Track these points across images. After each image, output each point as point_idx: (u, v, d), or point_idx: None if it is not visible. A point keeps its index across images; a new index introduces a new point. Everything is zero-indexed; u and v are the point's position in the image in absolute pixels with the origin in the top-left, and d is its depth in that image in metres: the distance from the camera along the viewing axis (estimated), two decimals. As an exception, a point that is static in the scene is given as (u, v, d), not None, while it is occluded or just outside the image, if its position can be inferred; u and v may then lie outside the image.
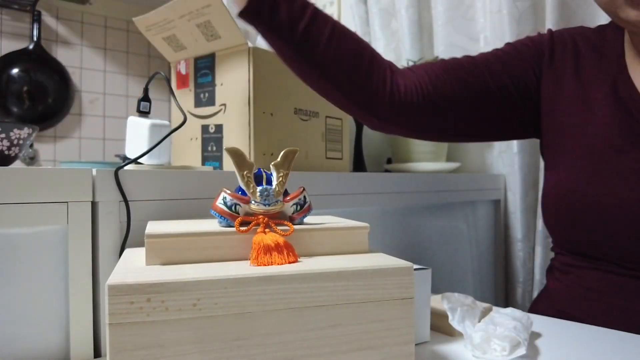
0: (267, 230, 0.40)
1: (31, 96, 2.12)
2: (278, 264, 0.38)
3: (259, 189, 0.42)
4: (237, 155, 0.42)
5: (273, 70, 0.73)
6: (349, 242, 0.44)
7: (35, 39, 2.10)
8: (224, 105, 0.73)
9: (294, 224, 0.42)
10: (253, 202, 0.42)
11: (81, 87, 2.28)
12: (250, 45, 0.70)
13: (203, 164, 0.76)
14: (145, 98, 0.68)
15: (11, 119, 2.07)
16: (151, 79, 0.65)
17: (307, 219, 0.46)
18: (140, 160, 0.61)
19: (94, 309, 0.49)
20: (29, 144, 0.57)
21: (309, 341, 0.36)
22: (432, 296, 0.55)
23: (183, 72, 0.79)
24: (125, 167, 0.51)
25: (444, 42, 1.24)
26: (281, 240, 0.39)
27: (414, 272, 0.41)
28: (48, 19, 2.19)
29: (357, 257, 0.42)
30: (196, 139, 0.77)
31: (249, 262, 0.38)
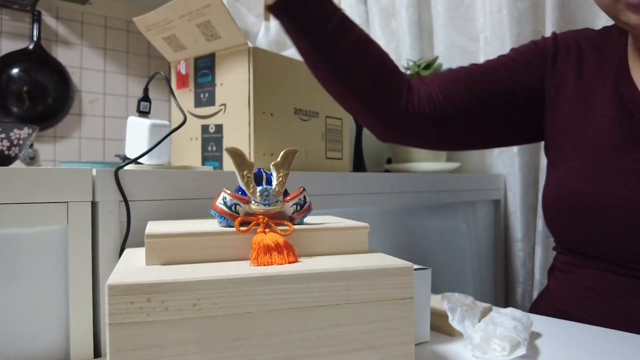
0: (267, 230, 0.40)
1: (31, 96, 2.12)
2: (278, 264, 0.38)
3: (259, 189, 0.42)
4: (237, 155, 0.42)
5: (273, 70, 0.73)
6: (349, 242, 0.44)
7: (35, 39, 2.10)
8: (224, 105, 0.73)
9: (294, 224, 0.42)
10: (253, 202, 0.42)
11: (81, 87, 2.28)
12: (250, 45, 0.70)
13: (203, 164, 0.76)
14: (145, 98, 0.68)
15: (11, 119, 2.07)
16: (151, 79, 0.65)
17: (307, 219, 0.46)
18: (140, 160, 0.61)
19: (94, 309, 0.49)
20: (29, 144, 0.57)
21: (309, 341, 0.36)
22: (432, 296, 0.55)
23: (183, 72, 0.79)
24: (125, 167, 0.51)
25: (444, 42, 1.24)
26: (281, 240, 0.39)
27: (414, 272, 0.41)
28: (48, 19, 2.19)
29: (357, 257, 0.42)
30: (196, 139, 0.77)
31: (249, 262, 0.38)
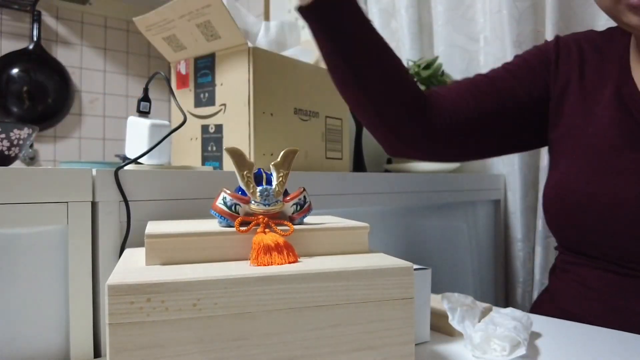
0: (267, 230, 0.40)
1: (31, 96, 2.12)
2: (278, 264, 0.38)
3: (259, 189, 0.42)
4: (237, 155, 0.42)
5: (273, 70, 0.72)
6: (349, 242, 0.44)
7: (35, 39, 2.10)
8: (224, 105, 0.73)
9: (294, 224, 0.42)
10: (253, 202, 0.42)
11: (81, 87, 2.28)
12: (250, 45, 0.70)
13: (203, 164, 0.76)
14: (145, 98, 0.68)
15: (11, 119, 2.07)
16: (151, 79, 0.65)
17: (307, 219, 0.46)
18: (140, 160, 0.61)
19: (94, 309, 0.49)
20: (29, 144, 0.57)
21: (309, 341, 0.36)
22: (432, 296, 0.55)
23: (183, 72, 0.79)
24: (125, 167, 0.51)
25: (444, 42, 1.24)
26: (281, 240, 0.39)
27: (414, 272, 0.41)
28: (48, 19, 2.19)
29: (357, 257, 0.42)
30: (196, 139, 0.77)
31: (249, 262, 0.38)
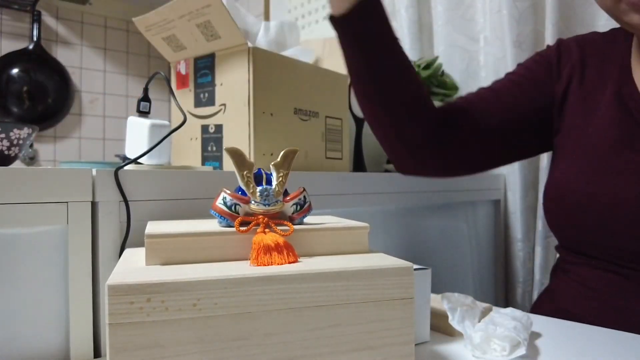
0: (267, 230, 0.40)
1: (31, 96, 2.12)
2: (278, 264, 0.38)
3: (258, 189, 0.42)
4: (237, 155, 0.42)
5: (273, 70, 0.72)
6: (349, 242, 0.44)
7: (35, 39, 2.11)
8: (224, 105, 0.73)
9: (294, 224, 0.42)
10: (253, 202, 0.42)
11: (81, 87, 2.28)
12: (250, 45, 0.70)
13: (203, 164, 0.76)
14: (145, 98, 0.68)
15: (11, 119, 2.07)
16: (151, 79, 0.65)
17: (307, 219, 0.46)
18: (140, 160, 0.61)
19: (94, 309, 0.49)
20: (29, 144, 0.57)
21: (309, 341, 0.36)
22: (432, 296, 0.55)
23: (183, 72, 0.79)
24: (125, 167, 0.51)
25: (443, 42, 1.24)
26: (281, 240, 0.39)
27: (414, 272, 0.41)
28: (48, 19, 2.19)
29: (357, 257, 0.42)
30: (196, 139, 0.77)
31: (249, 262, 0.38)
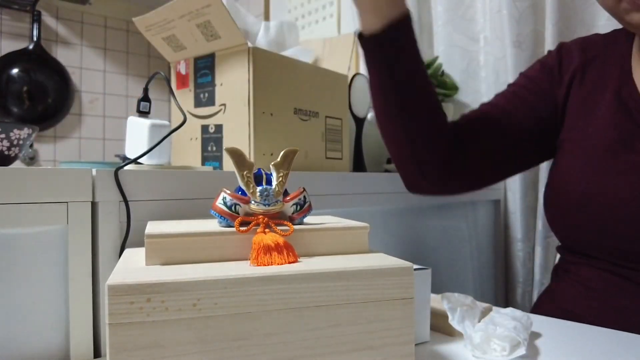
0: (267, 230, 0.40)
1: (31, 96, 2.12)
2: (278, 264, 0.38)
3: (258, 189, 0.42)
4: (237, 155, 0.42)
5: (273, 70, 0.72)
6: (349, 242, 0.44)
7: (35, 39, 2.11)
8: (224, 105, 0.73)
9: (294, 224, 0.42)
10: (253, 202, 0.42)
11: (81, 87, 2.28)
12: (250, 45, 0.70)
13: (203, 164, 0.76)
14: (145, 98, 0.68)
15: (11, 119, 2.07)
16: (151, 79, 0.65)
17: (307, 219, 0.46)
18: (140, 160, 0.61)
19: (94, 309, 0.49)
20: (29, 144, 0.57)
21: (309, 341, 0.36)
22: (432, 296, 0.55)
23: (183, 72, 0.79)
24: (125, 167, 0.51)
25: (444, 42, 1.24)
26: (281, 240, 0.39)
27: (414, 272, 0.41)
28: (48, 19, 2.19)
29: (357, 257, 0.42)
30: (196, 139, 0.77)
31: (249, 262, 0.38)
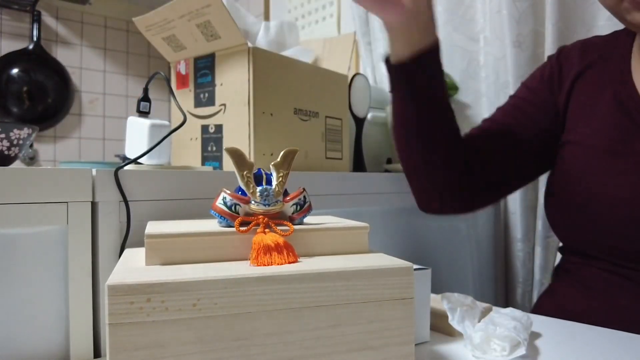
0: (267, 230, 0.40)
1: (31, 96, 2.12)
2: (278, 264, 0.38)
3: (258, 189, 0.42)
4: (237, 155, 0.42)
5: (273, 70, 0.72)
6: (349, 242, 0.44)
7: (35, 39, 2.11)
8: (224, 105, 0.73)
9: (294, 224, 0.42)
10: (253, 202, 0.42)
11: (81, 87, 2.28)
12: (250, 45, 0.70)
13: (203, 164, 0.76)
14: (145, 98, 0.68)
15: (11, 119, 2.07)
16: (151, 79, 0.65)
17: (307, 219, 0.46)
18: (140, 160, 0.61)
19: (94, 309, 0.49)
20: (29, 144, 0.57)
21: (309, 341, 0.36)
22: (432, 296, 0.55)
23: (183, 72, 0.79)
24: (125, 167, 0.51)
25: (444, 42, 1.23)
26: (281, 240, 0.39)
27: (414, 272, 0.41)
28: (48, 19, 2.19)
29: (357, 257, 0.42)
30: (196, 139, 0.77)
31: (249, 262, 0.38)
